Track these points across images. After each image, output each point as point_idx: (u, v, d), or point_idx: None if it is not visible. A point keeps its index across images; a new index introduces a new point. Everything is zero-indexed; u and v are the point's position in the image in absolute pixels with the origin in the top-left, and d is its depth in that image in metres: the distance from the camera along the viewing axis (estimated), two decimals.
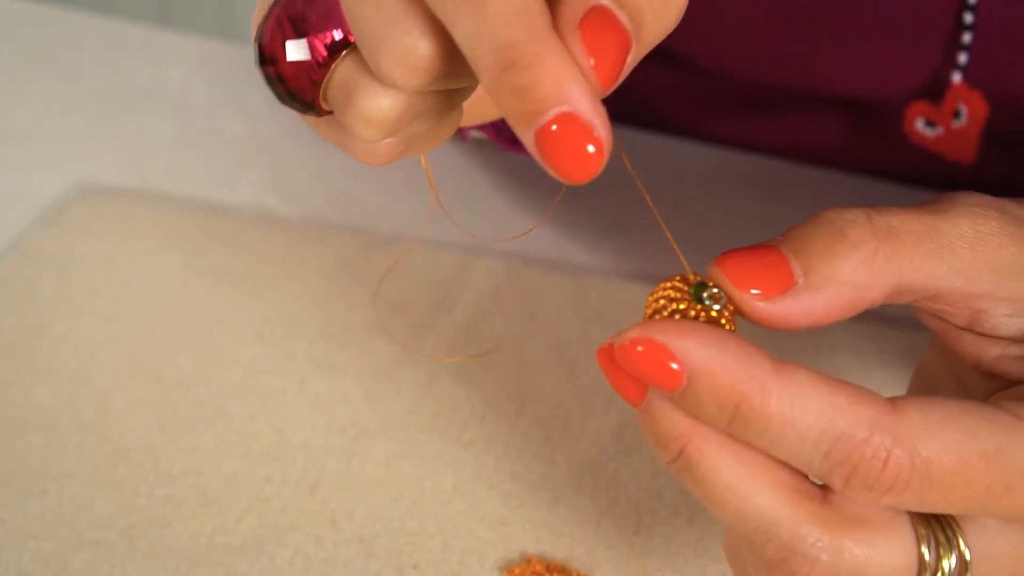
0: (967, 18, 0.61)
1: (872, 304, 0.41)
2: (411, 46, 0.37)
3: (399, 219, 0.70)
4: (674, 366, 0.38)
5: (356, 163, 0.72)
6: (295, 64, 0.41)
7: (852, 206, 0.41)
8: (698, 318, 0.40)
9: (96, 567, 0.53)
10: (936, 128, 0.66)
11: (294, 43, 0.41)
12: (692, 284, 0.40)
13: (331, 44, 0.40)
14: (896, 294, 0.42)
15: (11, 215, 0.70)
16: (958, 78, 0.63)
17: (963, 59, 0.62)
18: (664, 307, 0.40)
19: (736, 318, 0.41)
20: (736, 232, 0.69)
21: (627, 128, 0.76)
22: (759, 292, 0.40)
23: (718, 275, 0.41)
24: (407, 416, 0.60)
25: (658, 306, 0.40)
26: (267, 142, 0.75)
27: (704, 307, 0.40)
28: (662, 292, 0.40)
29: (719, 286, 0.40)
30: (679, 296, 0.40)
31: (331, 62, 0.40)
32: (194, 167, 0.74)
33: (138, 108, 0.78)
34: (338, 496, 0.56)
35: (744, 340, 0.38)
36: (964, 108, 0.64)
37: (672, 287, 0.40)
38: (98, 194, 0.71)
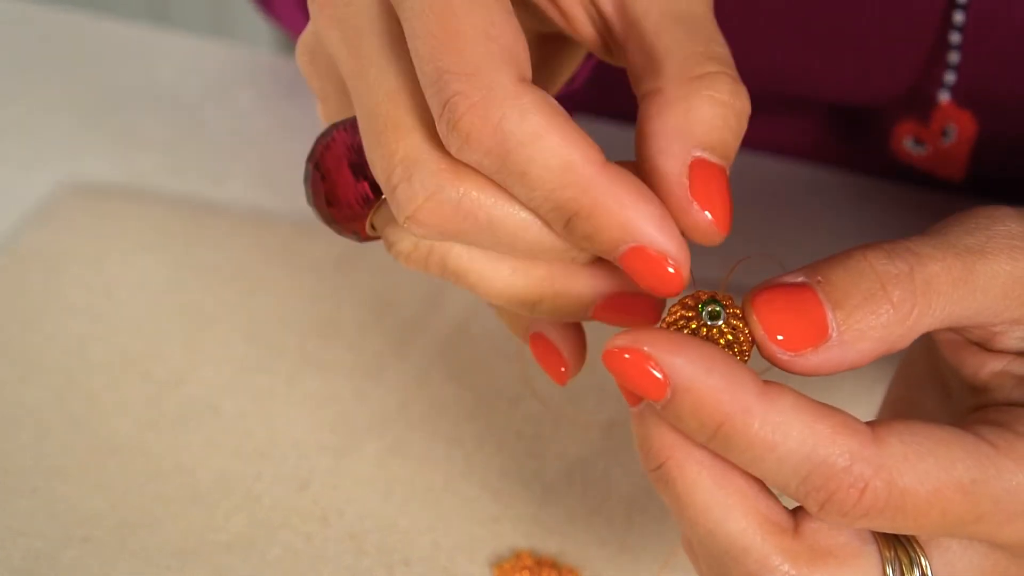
0: (953, 37, 0.60)
1: (894, 351, 0.41)
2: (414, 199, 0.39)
3: None
4: (658, 375, 0.38)
5: None
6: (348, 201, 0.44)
7: (893, 248, 0.40)
8: (711, 337, 0.40)
9: (86, 564, 0.53)
10: (924, 147, 0.66)
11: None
12: (702, 300, 0.40)
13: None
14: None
15: (0, 212, 0.70)
16: (946, 97, 0.63)
17: (950, 78, 0.62)
18: (676, 321, 0.40)
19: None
20: (734, 231, 0.68)
21: (621, 126, 0.76)
22: (784, 339, 0.39)
23: (751, 317, 0.40)
24: (398, 413, 0.60)
25: (672, 319, 0.40)
26: (257, 140, 0.75)
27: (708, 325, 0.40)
28: (680, 304, 0.40)
29: (749, 327, 0.40)
30: (692, 315, 0.40)
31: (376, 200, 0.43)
32: (184, 165, 0.73)
33: (128, 106, 0.78)
34: (328, 493, 0.56)
35: (733, 360, 0.38)
36: (953, 127, 0.64)
37: (682, 302, 0.40)
38: (88, 191, 0.71)
